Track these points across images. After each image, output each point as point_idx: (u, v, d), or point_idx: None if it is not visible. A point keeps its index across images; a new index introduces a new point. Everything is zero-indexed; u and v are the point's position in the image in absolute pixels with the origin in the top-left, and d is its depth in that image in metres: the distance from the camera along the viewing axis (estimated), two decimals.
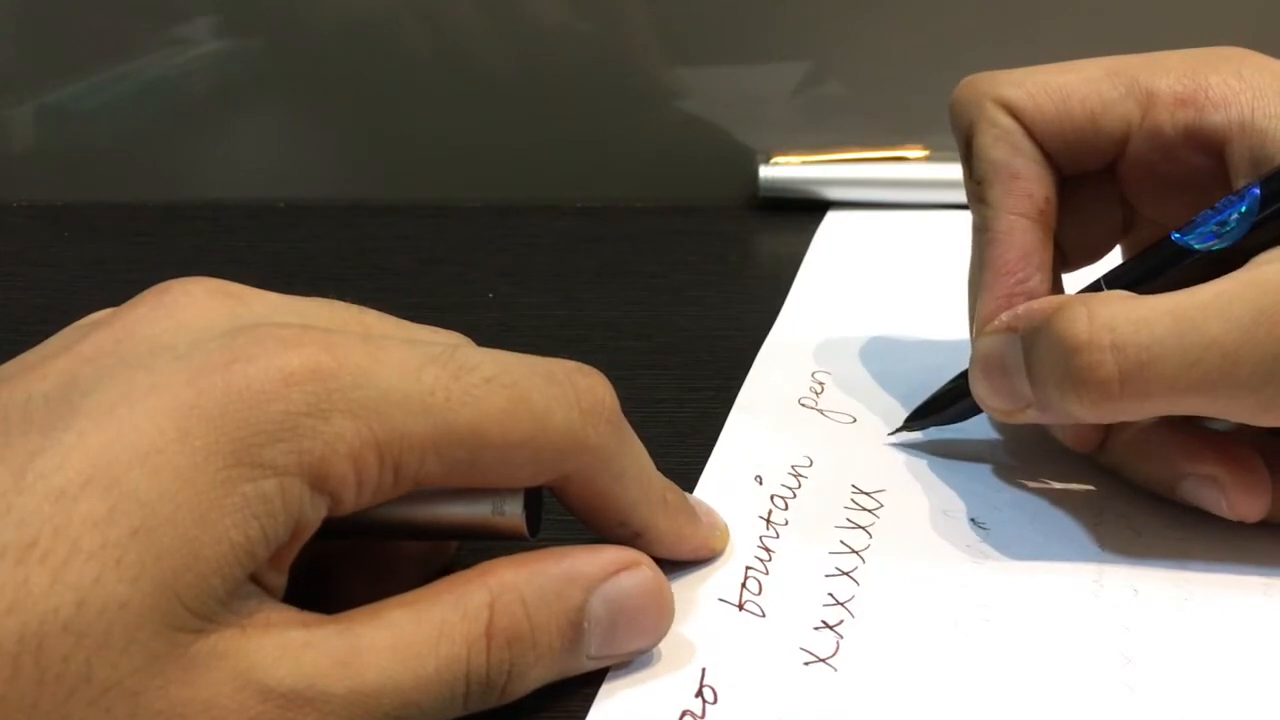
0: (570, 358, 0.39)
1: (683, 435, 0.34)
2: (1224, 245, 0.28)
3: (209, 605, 0.19)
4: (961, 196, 0.40)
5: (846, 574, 0.28)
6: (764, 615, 0.27)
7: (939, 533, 0.30)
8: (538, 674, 0.23)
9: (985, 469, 0.32)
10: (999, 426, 0.34)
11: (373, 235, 0.53)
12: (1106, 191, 0.33)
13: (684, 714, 0.24)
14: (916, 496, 0.31)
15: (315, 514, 0.21)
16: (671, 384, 0.38)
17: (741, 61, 0.55)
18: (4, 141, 0.56)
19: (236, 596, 0.20)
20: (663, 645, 0.26)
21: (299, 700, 0.20)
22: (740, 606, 0.27)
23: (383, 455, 0.21)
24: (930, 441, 0.34)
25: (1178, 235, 0.29)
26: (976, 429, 0.34)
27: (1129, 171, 0.32)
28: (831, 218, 0.52)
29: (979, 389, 0.30)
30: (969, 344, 0.32)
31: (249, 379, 0.20)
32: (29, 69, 0.56)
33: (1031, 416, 0.29)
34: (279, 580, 0.21)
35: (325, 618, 0.21)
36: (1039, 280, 0.31)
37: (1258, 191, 0.27)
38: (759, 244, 0.53)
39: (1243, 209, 0.28)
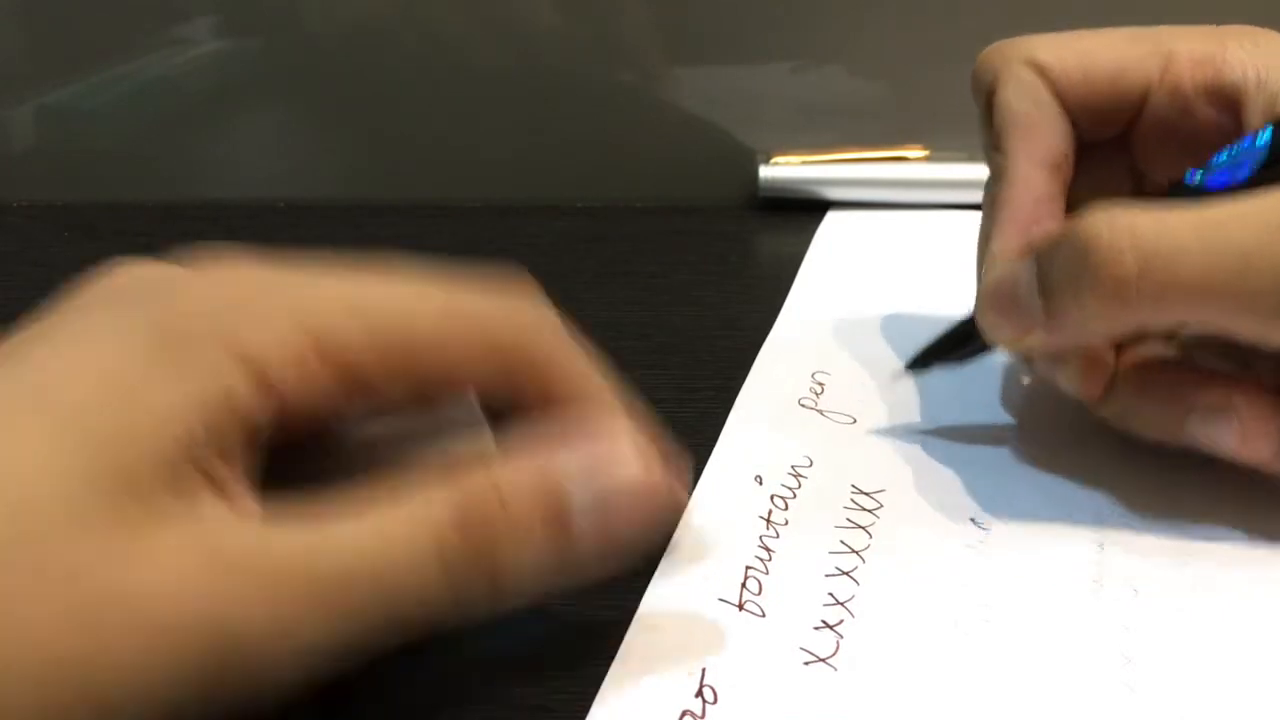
0: None
1: (683, 435, 0.34)
2: (1238, 179, 0.28)
3: (159, 471, 0.20)
4: (962, 197, 0.40)
5: (846, 574, 0.28)
6: (764, 615, 0.27)
7: (939, 533, 0.30)
8: (528, 562, 0.22)
9: (985, 469, 0.32)
10: (998, 422, 0.34)
11: (373, 235, 0.53)
12: (1116, 161, 0.34)
13: (684, 714, 0.24)
14: (916, 496, 0.31)
15: (260, 409, 0.21)
16: (671, 384, 0.38)
17: (741, 61, 0.55)
18: (4, 141, 0.56)
19: (190, 475, 0.20)
20: (663, 645, 0.26)
21: (265, 576, 0.20)
22: (740, 606, 0.27)
23: (323, 354, 0.22)
24: (929, 440, 0.34)
25: (1190, 176, 0.28)
26: (974, 427, 0.34)
27: (1146, 131, 0.33)
28: (831, 218, 0.52)
29: (987, 317, 0.30)
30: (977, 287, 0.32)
31: (194, 301, 0.22)
32: (29, 69, 0.56)
33: (1039, 339, 0.29)
34: (239, 487, 0.21)
35: (286, 508, 0.21)
36: (1050, 228, 0.31)
37: (1270, 130, 0.28)
38: (759, 244, 0.53)
39: (1258, 145, 0.28)
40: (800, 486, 0.32)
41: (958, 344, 0.33)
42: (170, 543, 0.19)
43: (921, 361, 0.34)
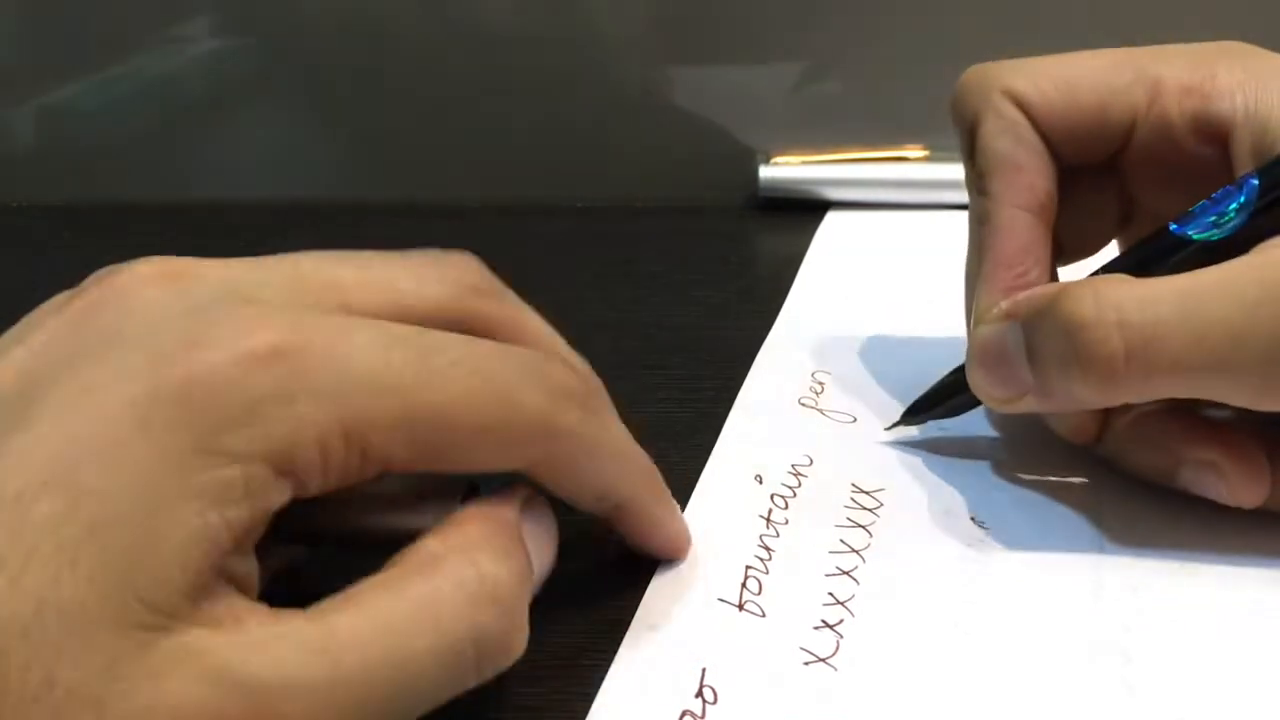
0: None
1: (683, 435, 0.34)
2: (1222, 235, 0.28)
3: (171, 600, 0.19)
4: (962, 196, 0.40)
5: (847, 573, 0.28)
6: (764, 615, 0.27)
7: (939, 532, 0.30)
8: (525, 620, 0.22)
9: (985, 468, 0.32)
10: (998, 423, 0.34)
11: (373, 235, 0.53)
12: (1106, 184, 0.33)
13: (684, 714, 0.24)
14: (917, 496, 0.31)
15: (280, 497, 0.20)
16: (671, 384, 0.38)
17: (741, 61, 0.55)
18: (4, 141, 0.56)
19: (202, 590, 0.19)
20: (663, 645, 0.26)
21: (277, 694, 0.19)
22: (740, 606, 0.27)
23: (349, 438, 0.20)
24: (929, 440, 0.34)
25: (1175, 226, 0.28)
26: (974, 426, 0.34)
27: (1134, 161, 0.32)
28: (831, 218, 0.52)
29: (976, 378, 0.30)
30: (967, 340, 0.32)
31: (210, 364, 0.20)
32: (29, 69, 0.56)
33: (1030, 404, 0.29)
34: (247, 567, 0.20)
35: (296, 610, 0.20)
36: (1038, 274, 0.31)
37: (1256, 182, 0.27)
38: (759, 244, 0.53)
39: (1241, 199, 0.28)
40: (800, 486, 0.32)
41: (949, 395, 0.33)
42: (183, 667, 0.19)
43: (913, 414, 0.34)
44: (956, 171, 0.52)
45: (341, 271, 0.24)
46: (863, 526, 0.30)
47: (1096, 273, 0.30)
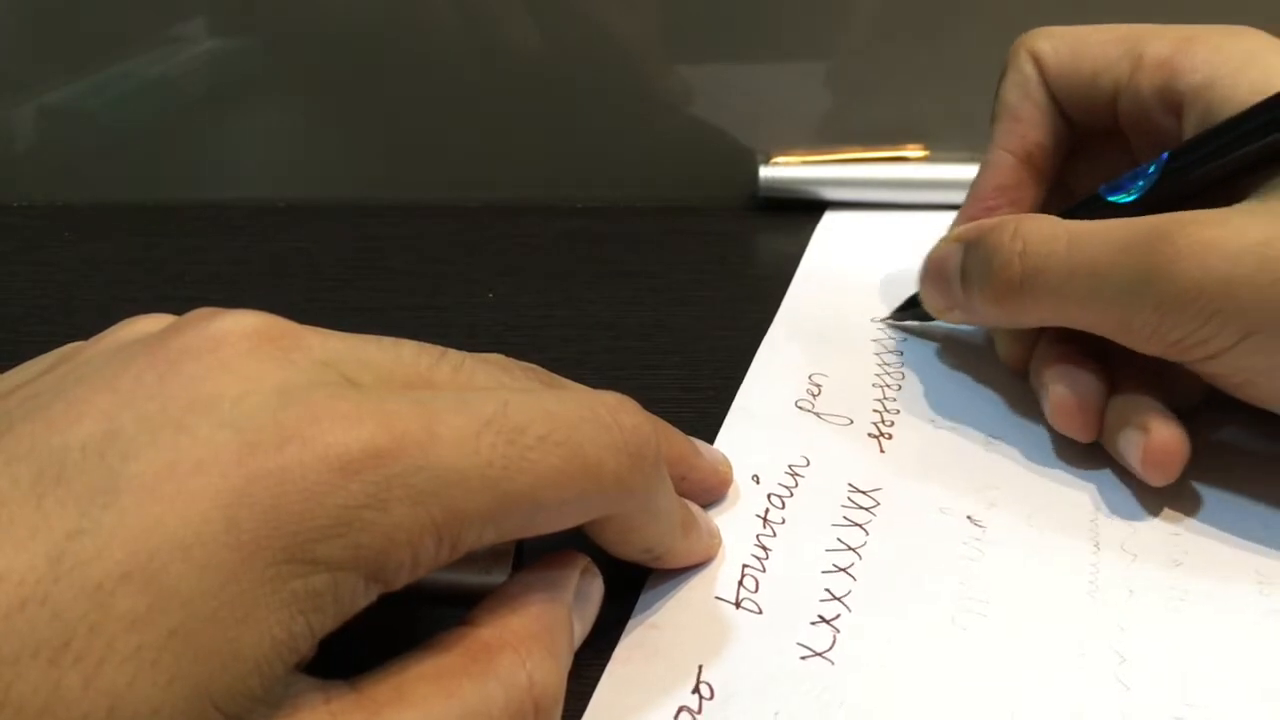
0: (570, 358, 0.40)
1: None
2: (1128, 200, 0.31)
3: (246, 706, 0.18)
4: (962, 197, 0.40)
5: (843, 570, 0.28)
6: (761, 612, 0.27)
7: (935, 530, 0.30)
8: None
9: (981, 468, 0.32)
10: (995, 424, 0.35)
11: (373, 235, 0.53)
12: (1119, 145, 0.36)
13: (681, 710, 0.24)
14: (913, 495, 0.31)
15: (366, 599, 0.20)
16: (671, 384, 0.38)
17: (741, 61, 0.55)
18: (4, 141, 0.56)
19: (274, 691, 0.19)
20: (660, 643, 0.26)
21: None
22: (737, 604, 0.27)
23: (440, 536, 0.20)
24: (926, 440, 0.34)
25: (1103, 189, 0.32)
26: (972, 427, 0.34)
27: (1125, 128, 0.35)
28: (829, 218, 0.52)
29: (924, 288, 0.36)
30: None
31: (304, 467, 0.19)
32: (29, 69, 0.56)
33: (957, 317, 0.35)
34: (311, 653, 0.20)
35: (349, 697, 0.20)
36: (1006, 212, 0.35)
37: (1166, 157, 0.31)
38: (759, 244, 0.53)
39: (1150, 172, 0.31)
40: (797, 485, 0.32)
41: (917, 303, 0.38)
42: None
43: (899, 314, 0.40)
44: (956, 171, 0.52)
45: (441, 369, 0.24)
46: (859, 525, 0.30)
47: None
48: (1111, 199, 0.32)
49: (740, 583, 0.28)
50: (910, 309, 0.40)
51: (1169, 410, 0.31)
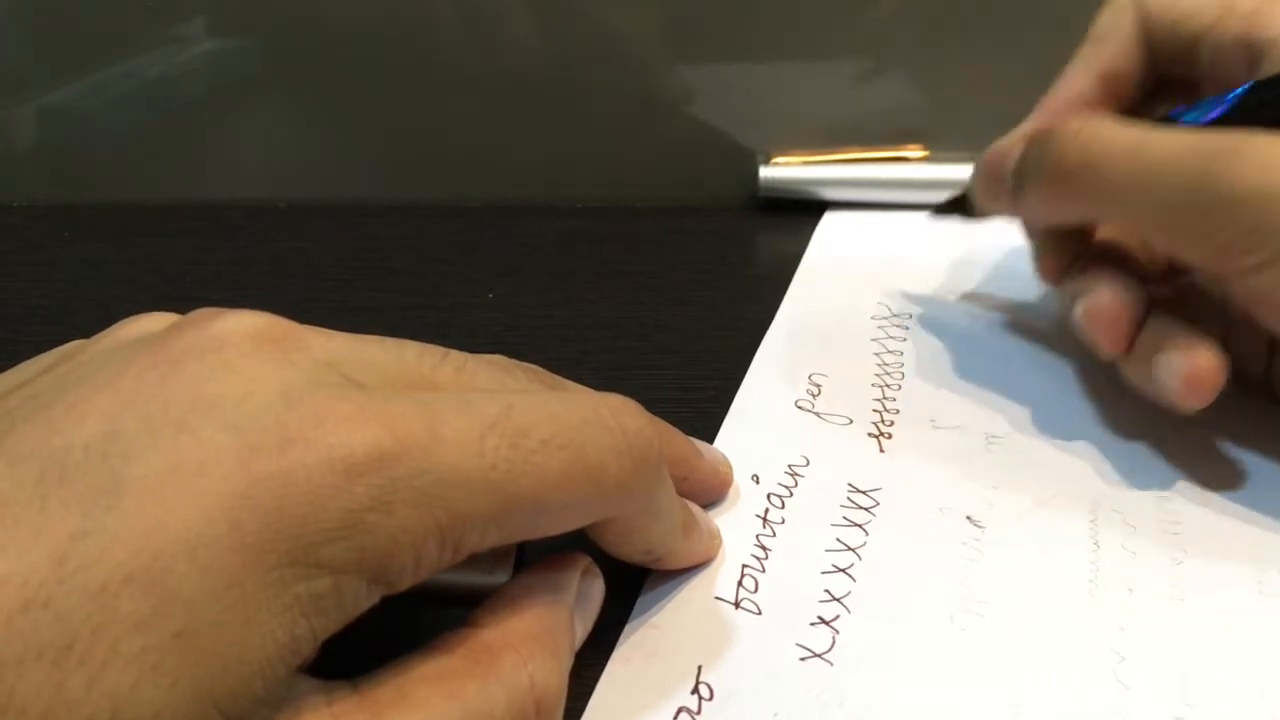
0: (570, 358, 0.40)
1: None
2: (1202, 120, 0.31)
3: (248, 708, 0.18)
4: None
5: (843, 570, 0.28)
6: (760, 612, 0.27)
7: (935, 530, 0.30)
8: None
9: (981, 468, 0.32)
10: (994, 425, 0.35)
11: (373, 235, 0.53)
12: (1195, 95, 0.35)
13: (680, 711, 0.24)
14: (912, 495, 0.31)
15: (370, 601, 0.20)
16: (671, 384, 0.38)
17: (741, 61, 0.55)
18: (4, 141, 0.56)
19: (276, 693, 0.19)
20: (659, 643, 0.26)
21: None
22: (737, 605, 0.27)
23: (444, 539, 0.20)
24: (926, 440, 0.34)
25: (1174, 112, 0.33)
26: (971, 427, 0.34)
27: (1203, 77, 0.35)
28: (828, 219, 0.52)
29: (976, 180, 0.37)
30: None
31: (308, 469, 0.19)
32: (29, 69, 0.56)
33: (1003, 208, 0.36)
34: (314, 654, 0.20)
35: (351, 699, 0.20)
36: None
37: (1245, 89, 0.31)
38: (759, 244, 0.53)
39: (1229, 98, 0.31)
40: (797, 485, 0.32)
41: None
42: None
43: (941, 210, 0.41)
44: (956, 171, 0.52)
45: (444, 370, 0.24)
46: (859, 526, 0.30)
47: None
48: (1185, 119, 0.32)
49: (740, 583, 0.28)
50: (953, 207, 0.40)
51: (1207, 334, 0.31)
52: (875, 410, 0.36)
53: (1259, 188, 0.28)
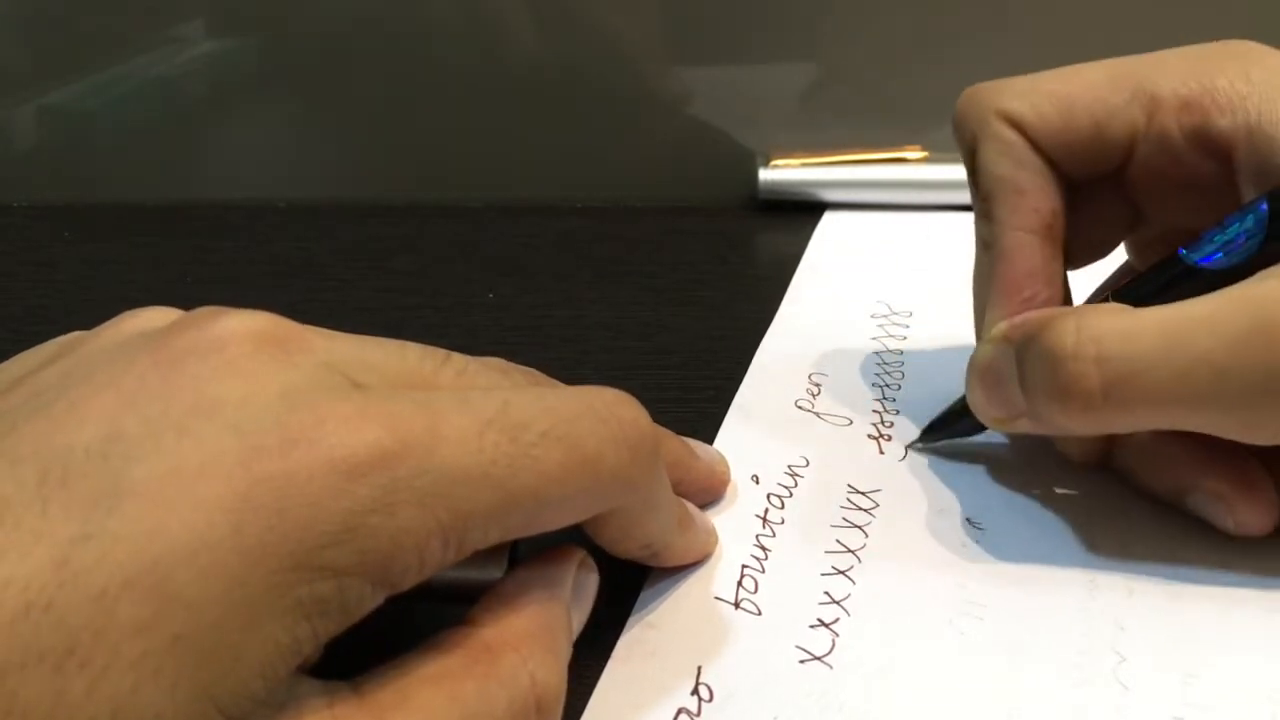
0: (570, 358, 0.40)
1: (682, 435, 0.34)
2: (1230, 263, 0.27)
3: (248, 708, 0.18)
4: (961, 198, 0.40)
5: (842, 573, 0.28)
6: (760, 614, 0.27)
7: (934, 532, 0.30)
8: None
9: (980, 469, 0.32)
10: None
11: (373, 235, 0.53)
12: (1111, 191, 0.32)
13: (680, 712, 0.24)
14: (912, 497, 0.31)
15: (373, 603, 0.20)
16: (671, 384, 0.38)
17: (741, 62, 0.55)
18: (4, 141, 0.56)
19: (277, 693, 0.19)
20: (659, 643, 0.26)
21: None
22: (736, 605, 0.27)
23: (447, 538, 0.20)
24: (926, 441, 0.34)
25: (1184, 251, 0.28)
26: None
27: (1136, 176, 0.31)
28: (828, 219, 0.52)
29: (975, 397, 0.30)
30: (968, 347, 0.32)
31: (310, 471, 0.19)
32: (29, 69, 0.56)
33: (1025, 426, 0.29)
34: (316, 655, 0.20)
35: (351, 701, 0.20)
36: (1047, 295, 0.31)
37: (1265, 208, 0.27)
38: (758, 244, 0.53)
39: (1250, 224, 0.27)
40: (796, 486, 0.32)
41: (962, 415, 0.32)
42: None
43: (931, 435, 0.34)
44: (955, 172, 0.52)
45: (445, 372, 0.24)
46: (859, 527, 0.30)
47: (1106, 296, 0.29)
48: (1203, 263, 0.27)
49: (739, 583, 0.28)
50: (945, 427, 0.34)
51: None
52: (875, 410, 0.36)
53: None
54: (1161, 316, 0.26)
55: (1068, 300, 0.32)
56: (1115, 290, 0.29)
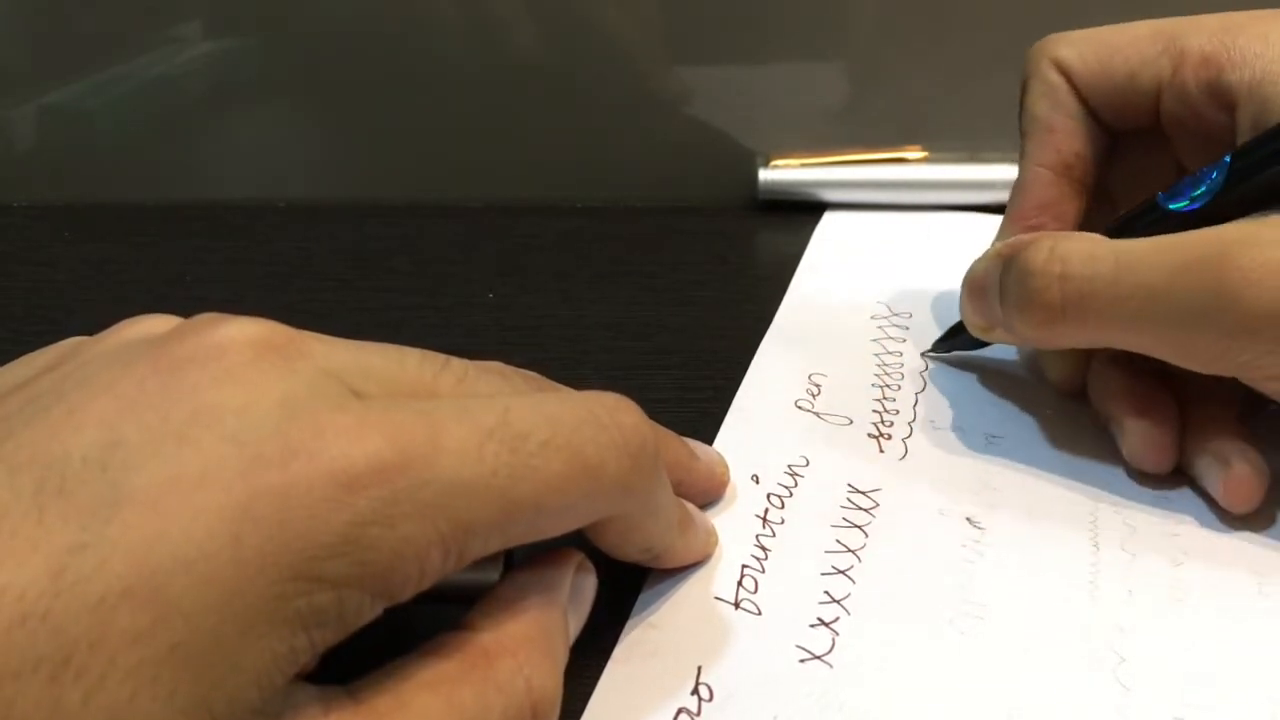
0: (570, 358, 0.40)
1: (682, 435, 0.34)
2: (1193, 208, 0.29)
3: (243, 716, 0.18)
4: (961, 198, 0.40)
5: (842, 572, 0.28)
6: (760, 613, 0.27)
7: (934, 532, 0.30)
8: None
9: (980, 469, 0.32)
10: (994, 425, 0.34)
11: (373, 235, 0.53)
12: (1159, 146, 0.34)
13: (680, 711, 0.24)
14: (912, 496, 0.31)
15: (372, 614, 0.20)
16: (671, 384, 0.38)
17: (741, 62, 0.55)
18: (4, 141, 0.56)
19: (273, 701, 0.19)
20: (659, 643, 0.26)
21: None
22: (736, 605, 0.27)
23: (447, 549, 0.20)
24: (926, 441, 0.34)
25: (1161, 196, 0.30)
26: (970, 428, 0.34)
27: (1168, 128, 0.33)
28: (828, 219, 0.52)
29: (964, 306, 0.34)
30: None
31: (309, 483, 0.19)
32: (29, 69, 0.56)
33: (1000, 336, 0.33)
34: (314, 663, 0.20)
35: (348, 707, 0.20)
36: (1053, 229, 0.34)
37: (1228, 160, 0.29)
38: (758, 244, 0.53)
39: (1213, 176, 0.29)
40: (796, 486, 0.32)
41: (963, 330, 0.35)
42: None
43: (942, 345, 0.38)
44: (956, 172, 0.52)
45: (444, 378, 0.24)
46: (859, 527, 0.30)
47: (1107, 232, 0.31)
48: (1173, 207, 0.30)
49: (739, 583, 0.28)
50: (952, 338, 0.38)
51: (1244, 433, 0.30)
52: (875, 410, 0.36)
53: (1269, 307, 0.26)
54: (1122, 247, 0.29)
55: None
56: (1108, 226, 0.32)
